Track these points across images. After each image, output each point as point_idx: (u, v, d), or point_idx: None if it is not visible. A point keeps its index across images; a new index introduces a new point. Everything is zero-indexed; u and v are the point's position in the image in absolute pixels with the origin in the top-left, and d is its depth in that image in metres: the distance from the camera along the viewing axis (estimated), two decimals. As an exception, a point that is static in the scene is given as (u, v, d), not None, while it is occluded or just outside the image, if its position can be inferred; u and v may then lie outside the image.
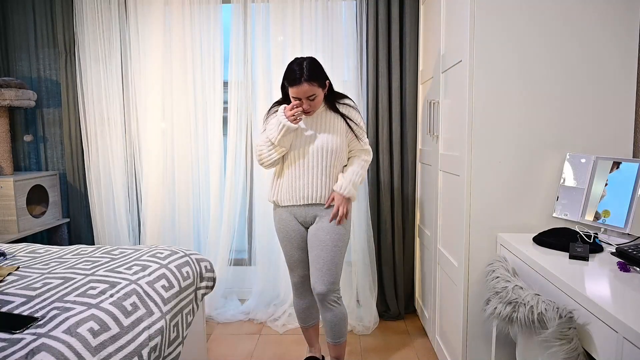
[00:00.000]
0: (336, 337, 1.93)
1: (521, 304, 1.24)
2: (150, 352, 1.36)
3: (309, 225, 1.93)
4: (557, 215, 1.67)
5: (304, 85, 1.74)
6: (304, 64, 1.76)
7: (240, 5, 2.72)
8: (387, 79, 2.64)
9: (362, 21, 2.65)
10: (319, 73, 1.79)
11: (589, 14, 1.63)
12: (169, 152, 2.79)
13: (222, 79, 2.75)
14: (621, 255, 1.28)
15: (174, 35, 2.71)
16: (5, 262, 1.77)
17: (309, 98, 1.78)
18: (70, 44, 2.76)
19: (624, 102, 1.66)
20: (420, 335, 2.53)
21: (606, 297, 1.08)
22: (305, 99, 1.78)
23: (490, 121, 1.68)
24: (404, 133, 2.68)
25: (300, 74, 1.74)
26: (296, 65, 1.76)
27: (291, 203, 1.90)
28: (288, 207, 1.92)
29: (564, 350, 1.10)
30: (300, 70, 1.74)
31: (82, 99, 2.77)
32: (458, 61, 1.79)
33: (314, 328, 2.10)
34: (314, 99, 1.79)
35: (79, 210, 2.88)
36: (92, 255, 1.83)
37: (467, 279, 1.74)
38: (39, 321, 1.24)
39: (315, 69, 1.77)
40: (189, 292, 1.76)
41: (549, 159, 1.69)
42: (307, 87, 1.75)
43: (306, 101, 1.78)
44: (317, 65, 1.80)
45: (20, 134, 2.93)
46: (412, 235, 2.75)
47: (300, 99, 1.78)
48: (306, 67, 1.75)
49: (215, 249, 2.79)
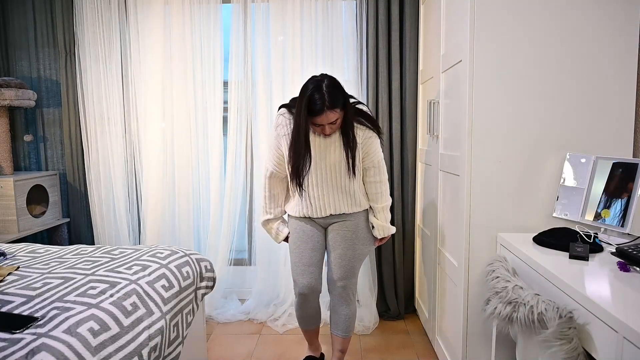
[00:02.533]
0: (346, 331, 1.96)
1: (521, 303, 1.24)
2: (150, 352, 1.36)
3: (328, 226, 1.93)
4: (557, 215, 1.67)
5: (327, 114, 1.66)
6: (324, 89, 1.65)
7: (240, 5, 2.72)
8: (387, 79, 2.64)
9: (362, 21, 2.65)
10: (340, 95, 1.69)
11: (589, 13, 1.63)
12: (169, 152, 2.79)
13: (222, 78, 2.75)
14: (621, 255, 1.28)
15: (174, 35, 2.71)
16: (5, 262, 1.77)
17: (330, 123, 1.71)
18: (70, 44, 2.76)
19: (624, 102, 1.66)
20: (420, 335, 2.53)
21: (606, 297, 1.08)
22: (327, 125, 1.71)
23: (490, 121, 1.68)
24: (404, 133, 2.68)
25: (322, 103, 1.64)
26: (316, 92, 1.65)
27: (308, 215, 1.90)
28: (305, 218, 1.92)
29: (564, 350, 1.10)
30: (321, 99, 1.64)
31: (82, 99, 2.77)
32: (458, 61, 1.79)
33: (315, 330, 2.09)
34: (336, 122, 1.72)
35: (79, 210, 2.88)
36: (92, 255, 1.83)
37: (467, 279, 1.74)
38: (39, 321, 1.24)
39: (336, 91, 1.68)
40: (189, 292, 1.76)
41: (549, 159, 1.69)
42: (330, 115, 1.67)
43: (328, 126, 1.72)
44: (337, 85, 1.71)
45: (20, 134, 2.93)
46: (412, 235, 2.75)
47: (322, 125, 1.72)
48: (326, 92, 1.65)
49: (215, 249, 2.79)
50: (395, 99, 2.64)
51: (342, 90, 1.72)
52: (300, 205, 1.90)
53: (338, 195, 1.85)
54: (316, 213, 1.87)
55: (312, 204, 1.87)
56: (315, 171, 1.82)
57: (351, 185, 1.85)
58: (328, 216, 1.89)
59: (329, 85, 1.67)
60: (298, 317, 2.01)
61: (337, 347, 1.99)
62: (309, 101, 1.66)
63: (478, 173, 1.70)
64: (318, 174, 1.83)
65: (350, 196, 1.87)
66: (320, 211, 1.87)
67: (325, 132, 1.73)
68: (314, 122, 1.71)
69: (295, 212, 1.93)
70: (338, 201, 1.86)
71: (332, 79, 1.72)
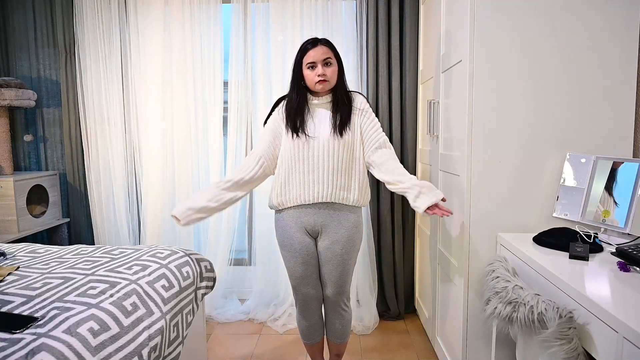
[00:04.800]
0: (342, 337, 1.93)
1: (521, 303, 1.24)
2: (150, 352, 1.36)
3: (317, 236, 1.79)
4: (557, 215, 1.67)
5: (321, 47, 1.73)
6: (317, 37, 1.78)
7: (240, 5, 2.72)
8: (387, 79, 2.64)
9: (362, 21, 2.65)
10: (335, 49, 1.79)
11: (589, 14, 1.63)
12: (169, 152, 2.79)
13: (222, 78, 2.75)
14: (621, 255, 1.28)
15: (174, 35, 2.71)
16: (5, 262, 1.77)
17: (325, 62, 1.72)
18: (70, 43, 2.76)
19: (624, 102, 1.66)
20: (420, 335, 2.53)
21: (606, 297, 1.08)
22: (321, 64, 1.71)
23: (490, 121, 1.68)
24: (404, 133, 2.67)
25: (315, 40, 1.75)
26: (310, 39, 1.77)
27: (299, 202, 1.74)
28: (294, 211, 1.77)
29: (564, 350, 1.10)
30: (314, 38, 1.76)
31: (82, 99, 2.77)
32: (458, 61, 1.79)
33: (318, 345, 1.98)
34: (330, 65, 1.73)
35: (79, 210, 2.88)
36: (92, 255, 1.83)
37: (467, 279, 1.74)
38: (39, 321, 1.23)
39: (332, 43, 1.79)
40: (189, 292, 1.76)
41: (549, 159, 1.69)
42: (324, 49, 1.72)
43: (322, 67, 1.71)
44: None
45: (20, 134, 2.93)
46: (412, 235, 2.75)
47: (315, 65, 1.71)
48: (320, 38, 1.77)
49: (215, 249, 2.79)
50: (395, 99, 2.64)
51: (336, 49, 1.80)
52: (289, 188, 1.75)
53: (331, 177, 1.72)
54: (305, 197, 1.73)
55: (301, 181, 1.74)
56: (308, 151, 1.73)
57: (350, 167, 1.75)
58: (317, 205, 1.73)
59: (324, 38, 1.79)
60: (299, 328, 1.94)
61: (333, 352, 1.99)
62: (303, 45, 1.76)
63: (478, 173, 1.70)
64: (311, 154, 1.73)
65: (346, 176, 1.73)
66: (310, 190, 1.72)
67: (319, 72, 1.70)
68: (307, 62, 1.72)
69: (283, 198, 1.77)
70: (330, 184, 1.72)
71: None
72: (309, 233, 1.79)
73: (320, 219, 1.76)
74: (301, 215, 1.77)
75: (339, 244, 1.75)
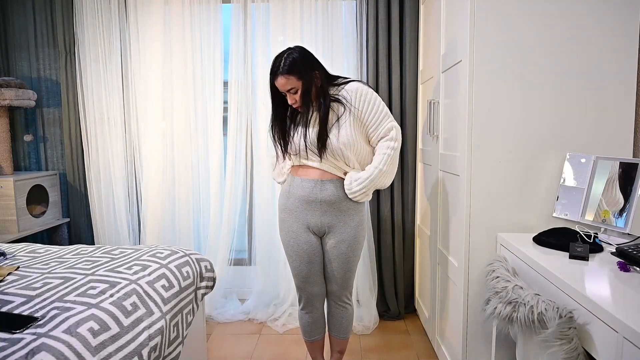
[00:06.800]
0: (345, 332, 1.94)
1: (521, 303, 1.24)
2: (150, 352, 1.36)
3: (323, 235, 1.80)
4: (557, 215, 1.67)
5: (279, 78, 1.65)
6: (285, 55, 1.66)
7: (240, 5, 2.72)
8: (387, 79, 2.64)
9: (362, 21, 2.65)
10: (301, 66, 1.64)
11: (589, 14, 1.63)
12: (169, 152, 2.79)
13: (222, 79, 2.75)
14: (621, 255, 1.28)
15: (174, 35, 2.71)
16: (5, 262, 1.77)
17: (289, 91, 1.68)
18: (70, 43, 2.76)
19: (624, 102, 1.66)
20: (420, 335, 2.53)
21: (606, 296, 1.08)
22: (287, 93, 1.69)
23: (490, 121, 1.68)
24: (404, 133, 2.67)
25: (277, 67, 1.65)
26: (279, 56, 1.68)
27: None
28: (300, 208, 1.76)
29: (564, 350, 1.10)
30: (278, 63, 1.65)
31: (82, 98, 2.77)
32: (458, 61, 1.79)
33: (319, 343, 1.98)
34: (295, 93, 1.68)
35: (79, 210, 2.88)
36: (92, 255, 1.83)
37: (467, 279, 1.74)
38: (39, 321, 1.24)
39: (296, 62, 1.64)
40: (189, 292, 1.76)
41: (549, 159, 1.69)
42: (283, 81, 1.65)
43: (289, 95, 1.69)
44: (303, 56, 1.67)
45: (20, 134, 2.93)
46: (412, 235, 2.75)
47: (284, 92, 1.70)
48: (285, 59, 1.64)
49: (215, 249, 2.79)
50: (395, 99, 2.64)
51: (306, 62, 1.67)
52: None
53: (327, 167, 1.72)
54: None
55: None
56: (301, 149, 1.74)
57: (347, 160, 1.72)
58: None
59: (294, 53, 1.66)
60: (301, 324, 1.95)
61: (335, 348, 1.99)
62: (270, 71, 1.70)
63: (478, 173, 1.70)
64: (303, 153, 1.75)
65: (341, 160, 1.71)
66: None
67: (289, 101, 1.70)
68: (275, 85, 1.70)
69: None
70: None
71: (302, 49, 1.70)
72: (314, 232, 1.81)
73: (327, 219, 1.77)
74: (307, 216, 1.77)
75: (345, 243, 1.78)
